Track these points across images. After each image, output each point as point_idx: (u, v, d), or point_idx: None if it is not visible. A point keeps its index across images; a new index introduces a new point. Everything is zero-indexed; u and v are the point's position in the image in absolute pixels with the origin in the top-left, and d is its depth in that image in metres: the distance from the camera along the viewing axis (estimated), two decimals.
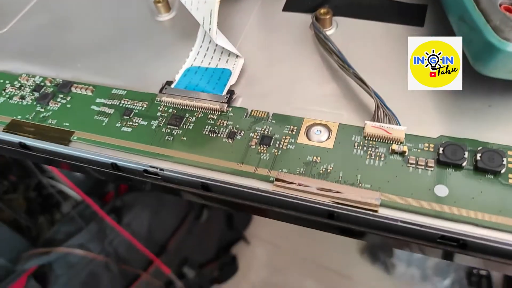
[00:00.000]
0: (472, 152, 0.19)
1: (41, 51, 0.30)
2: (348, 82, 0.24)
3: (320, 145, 0.21)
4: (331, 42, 0.24)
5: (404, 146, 0.20)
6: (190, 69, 0.26)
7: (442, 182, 0.19)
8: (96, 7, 0.33)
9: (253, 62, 0.26)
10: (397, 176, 0.19)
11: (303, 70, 0.25)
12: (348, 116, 0.22)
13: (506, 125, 0.21)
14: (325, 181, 0.19)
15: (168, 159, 0.22)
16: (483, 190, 0.18)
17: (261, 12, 0.29)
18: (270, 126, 0.22)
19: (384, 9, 0.27)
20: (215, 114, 0.23)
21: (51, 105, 0.25)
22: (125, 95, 0.25)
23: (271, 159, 0.21)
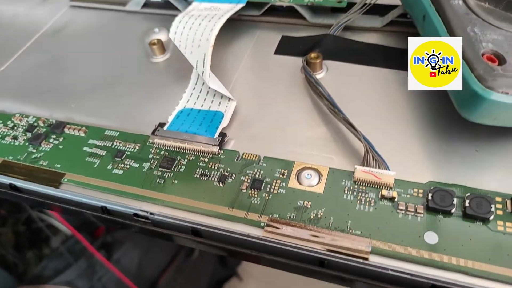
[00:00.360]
0: (461, 198, 0.20)
1: (36, 91, 0.30)
2: (338, 126, 0.24)
3: (311, 189, 0.21)
4: (321, 87, 0.25)
5: (393, 192, 0.20)
6: (183, 111, 0.26)
7: (431, 229, 0.19)
8: (92, 47, 0.34)
9: (245, 105, 0.26)
10: (387, 222, 0.19)
11: (294, 113, 0.26)
12: (338, 160, 0.23)
13: (493, 170, 0.21)
14: (316, 228, 0.19)
15: (159, 203, 0.21)
16: (473, 237, 0.18)
17: (253, 55, 0.30)
18: (261, 169, 0.22)
19: (372, 54, 0.28)
20: (206, 156, 0.23)
21: (43, 146, 0.25)
22: (117, 136, 0.25)
23: (262, 204, 0.21)
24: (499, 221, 0.19)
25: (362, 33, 0.30)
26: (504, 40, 0.21)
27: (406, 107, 0.25)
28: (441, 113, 0.24)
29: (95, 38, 0.35)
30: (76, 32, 0.35)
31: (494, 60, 0.20)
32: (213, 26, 0.27)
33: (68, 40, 0.35)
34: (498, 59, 0.20)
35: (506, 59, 0.20)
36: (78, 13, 0.38)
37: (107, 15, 0.37)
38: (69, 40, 0.35)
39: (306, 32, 0.31)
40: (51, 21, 0.37)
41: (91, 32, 0.35)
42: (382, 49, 0.29)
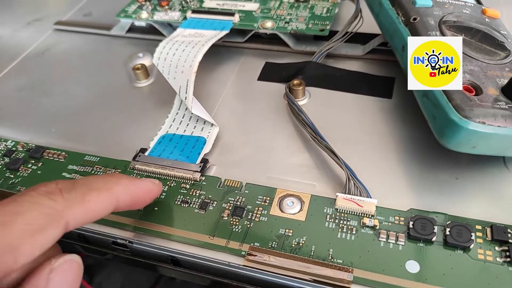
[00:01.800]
0: (442, 226, 0.20)
1: (17, 114, 0.30)
2: (321, 153, 0.24)
3: (293, 217, 0.21)
4: (304, 114, 0.25)
5: (375, 220, 0.20)
6: (165, 136, 0.26)
7: (413, 257, 0.19)
8: (75, 71, 0.33)
9: (228, 130, 0.26)
10: (368, 250, 0.19)
11: (276, 139, 0.26)
12: (320, 187, 0.23)
13: (473, 197, 0.21)
14: (297, 257, 0.19)
15: (138, 231, 0.21)
16: (454, 266, 0.18)
17: (237, 81, 0.30)
18: (243, 196, 0.22)
19: (354, 81, 0.29)
20: (188, 183, 0.23)
21: (21, 171, 0.25)
22: (97, 162, 0.25)
23: (243, 232, 0.20)
24: (480, 249, 0.19)
25: (344, 61, 0.31)
26: (480, 71, 0.21)
27: (388, 134, 0.25)
28: (422, 141, 0.24)
29: (78, 62, 0.34)
30: (60, 56, 0.35)
31: (471, 91, 0.21)
32: (197, 52, 0.27)
33: (51, 63, 0.35)
34: (475, 89, 0.21)
35: (482, 90, 0.20)
36: (62, 36, 0.38)
37: (92, 39, 0.37)
38: (52, 64, 0.34)
39: (289, 59, 0.31)
40: (35, 44, 0.37)
41: (75, 55, 0.35)
42: (363, 76, 0.29)
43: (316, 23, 0.31)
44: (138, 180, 0.19)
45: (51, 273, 0.15)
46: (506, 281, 0.18)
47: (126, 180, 0.18)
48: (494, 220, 0.20)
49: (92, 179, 0.17)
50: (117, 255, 0.22)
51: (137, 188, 0.18)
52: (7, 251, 0.13)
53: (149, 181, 0.20)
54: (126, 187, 0.18)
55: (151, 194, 0.20)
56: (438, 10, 0.25)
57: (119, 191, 0.17)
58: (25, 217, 0.14)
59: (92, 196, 0.16)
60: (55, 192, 0.15)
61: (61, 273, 0.15)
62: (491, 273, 0.18)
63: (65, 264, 0.15)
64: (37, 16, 0.41)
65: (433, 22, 0.24)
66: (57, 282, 0.15)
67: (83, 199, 0.16)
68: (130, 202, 0.18)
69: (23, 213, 0.14)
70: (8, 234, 0.13)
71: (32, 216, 0.14)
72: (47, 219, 0.14)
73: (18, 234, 0.13)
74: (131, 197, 0.18)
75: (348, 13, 0.32)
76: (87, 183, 0.17)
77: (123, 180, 0.18)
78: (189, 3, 0.36)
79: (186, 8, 0.35)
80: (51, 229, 0.14)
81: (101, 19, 0.39)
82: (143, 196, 0.19)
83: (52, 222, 0.14)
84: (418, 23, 0.23)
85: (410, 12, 0.24)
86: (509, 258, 0.18)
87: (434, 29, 0.23)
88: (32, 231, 0.14)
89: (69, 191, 0.15)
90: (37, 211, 0.14)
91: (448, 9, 0.25)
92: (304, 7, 0.33)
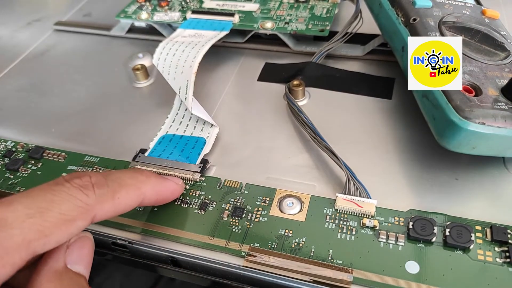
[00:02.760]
0: (442, 226, 0.20)
1: (16, 114, 0.30)
2: (320, 153, 0.24)
3: (293, 217, 0.21)
4: (303, 115, 0.25)
5: (374, 220, 0.20)
6: (165, 136, 0.26)
7: (412, 258, 0.19)
8: (75, 72, 0.33)
9: (228, 131, 0.26)
10: (368, 251, 0.19)
11: (276, 140, 0.26)
12: (320, 187, 0.23)
13: (473, 198, 0.21)
14: (297, 257, 0.19)
15: (138, 231, 0.21)
16: (454, 267, 0.18)
17: (237, 81, 0.30)
18: (243, 197, 0.22)
19: (354, 82, 0.29)
20: (188, 183, 0.23)
21: (21, 172, 0.25)
22: (97, 162, 0.25)
23: (243, 232, 0.20)
24: (479, 250, 0.19)
25: (344, 61, 0.31)
26: (479, 71, 0.21)
27: (388, 135, 0.25)
28: (421, 141, 0.24)
29: (78, 62, 0.34)
30: (59, 56, 0.35)
31: (470, 91, 0.21)
32: (197, 53, 0.27)
33: (51, 63, 0.35)
34: (474, 90, 0.21)
35: (482, 90, 0.20)
36: (62, 37, 0.38)
37: (92, 39, 0.37)
38: (52, 64, 0.34)
39: (289, 59, 0.31)
40: (34, 45, 0.37)
41: (75, 56, 0.35)
42: (363, 77, 0.29)
43: (316, 24, 0.31)
44: (164, 180, 0.20)
45: (68, 248, 0.16)
46: (506, 282, 0.18)
47: (154, 179, 0.19)
48: (494, 221, 0.20)
49: (123, 175, 0.18)
50: (117, 255, 0.21)
51: (164, 187, 0.20)
52: (41, 237, 0.14)
53: (174, 182, 0.21)
54: (153, 186, 0.19)
55: (174, 194, 0.21)
56: (438, 10, 0.25)
57: (146, 190, 0.19)
58: (61, 207, 0.15)
59: (121, 194, 0.17)
60: (89, 187, 0.16)
61: (77, 249, 0.16)
62: (491, 273, 0.18)
63: (80, 240, 0.17)
64: (37, 16, 0.41)
65: (433, 23, 0.24)
66: (74, 258, 0.16)
67: (113, 196, 0.17)
68: (155, 200, 0.20)
69: (59, 203, 0.15)
70: (44, 222, 0.14)
71: (67, 207, 0.15)
72: (79, 211, 0.16)
73: (53, 222, 0.15)
74: (157, 196, 0.20)
75: (348, 14, 0.32)
76: (118, 179, 0.18)
77: (151, 179, 0.19)
78: (189, 3, 0.36)
79: (186, 9, 0.35)
80: (81, 221, 0.16)
81: (101, 19, 0.39)
82: (167, 196, 0.21)
83: (83, 215, 0.16)
84: (418, 23, 0.23)
85: (410, 12, 0.24)
86: (509, 259, 0.18)
87: (434, 29, 0.23)
88: (65, 221, 0.15)
89: (101, 187, 0.17)
90: (71, 203, 0.15)
91: (448, 9, 0.25)
92: (304, 8, 0.33)
